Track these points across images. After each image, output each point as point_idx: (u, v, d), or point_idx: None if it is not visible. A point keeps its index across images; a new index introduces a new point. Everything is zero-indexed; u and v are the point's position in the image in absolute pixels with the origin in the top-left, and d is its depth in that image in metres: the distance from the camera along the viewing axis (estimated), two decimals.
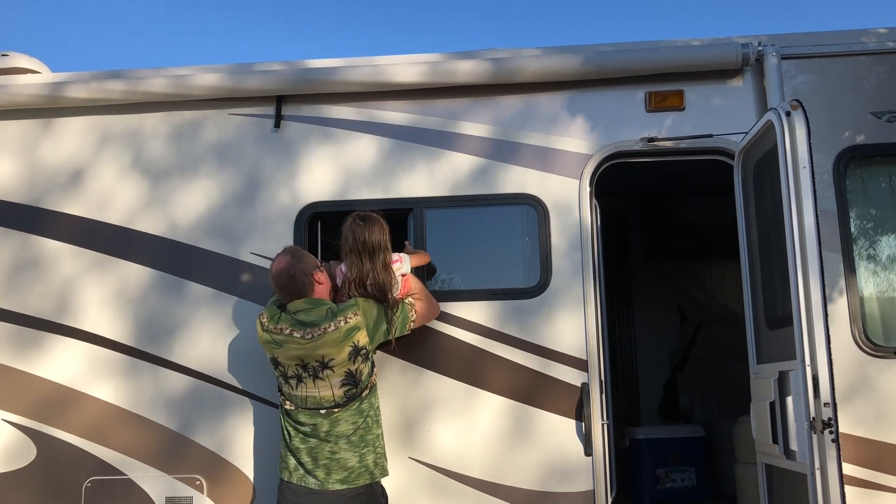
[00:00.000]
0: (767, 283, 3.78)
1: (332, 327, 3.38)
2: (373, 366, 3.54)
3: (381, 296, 3.53)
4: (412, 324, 3.66)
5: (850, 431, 3.68)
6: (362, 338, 3.44)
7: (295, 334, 3.40)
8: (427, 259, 3.93)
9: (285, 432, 3.51)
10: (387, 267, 3.57)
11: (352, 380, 3.42)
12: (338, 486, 3.38)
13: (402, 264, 3.70)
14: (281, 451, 3.54)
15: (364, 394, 3.48)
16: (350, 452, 3.42)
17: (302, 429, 3.45)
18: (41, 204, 4.26)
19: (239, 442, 3.97)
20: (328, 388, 3.41)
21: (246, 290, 4.07)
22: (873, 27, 4.13)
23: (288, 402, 3.50)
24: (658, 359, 6.88)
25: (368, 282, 3.54)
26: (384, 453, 3.57)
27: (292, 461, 3.45)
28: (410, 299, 3.68)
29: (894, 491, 3.67)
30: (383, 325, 3.53)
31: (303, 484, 3.40)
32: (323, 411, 3.42)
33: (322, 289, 3.58)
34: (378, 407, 3.58)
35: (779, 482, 3.65)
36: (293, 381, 3.45)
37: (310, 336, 3.38)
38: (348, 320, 3.41)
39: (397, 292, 3.63)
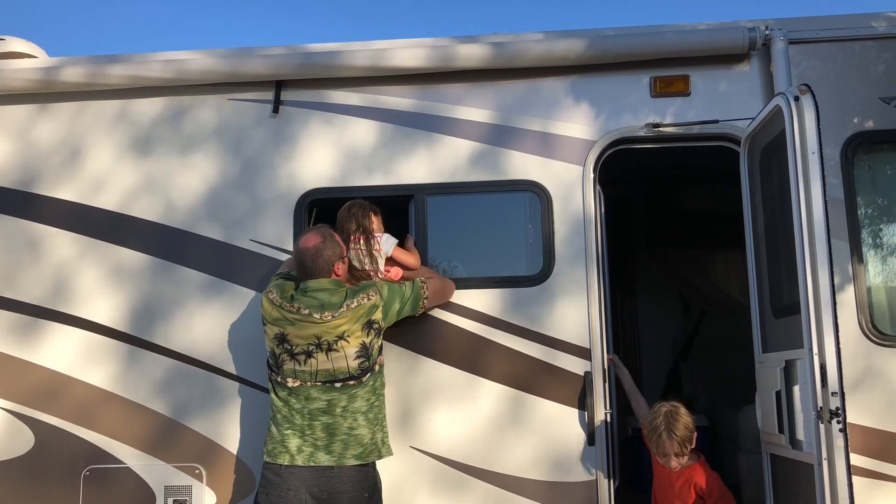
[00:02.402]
0: (773, 271, 3.74)
1: (355, 304, 3.44)
2: (381, 345, 3.58)
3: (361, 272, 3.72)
4: (426, 301, 3.70)
5: (857, 421, 3.64)
6: (377, 314, 3.50)
7: (314, 315, 3.40)
8: (415, 263, 3.86)
9: (284, 413, 3.45)
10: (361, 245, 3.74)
11: (365, 352, 3.45)
12: (353, 462, 3.39)
13: (383, 244, 3.74)
14: (274, 434, 3.47)
15: (376, 368, 3.51)
16: (366, 429, 3.44)
17: (312, 406, 3.42)
18: (37, 189, 4.22)
19: (238, 431, 3.94)
20: (343, 359, 3.41)
21: (245, 278, 4.03)
22: (882, 11, 4.06)
23: (291, 380, 3.44)
24: (661, 348, 6.85)
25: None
26: (387, 432, 3.61)
27: (294, 443, 3.40)
28: (423, 278, 3.72)
29: None
30: (396, 304, 3.58)
31: (311, 464, 3.37)
32: (338, 384, 3.41)
33: (337, 279, 3.58)
34: (385, 387, 3.63)
35: (784, 472, 3.62)
36: (301, 357, 3.43)
37: (329, 317, 3.39)
38: (370, 297, 3.48)
39: (377, 266, 3.73)
